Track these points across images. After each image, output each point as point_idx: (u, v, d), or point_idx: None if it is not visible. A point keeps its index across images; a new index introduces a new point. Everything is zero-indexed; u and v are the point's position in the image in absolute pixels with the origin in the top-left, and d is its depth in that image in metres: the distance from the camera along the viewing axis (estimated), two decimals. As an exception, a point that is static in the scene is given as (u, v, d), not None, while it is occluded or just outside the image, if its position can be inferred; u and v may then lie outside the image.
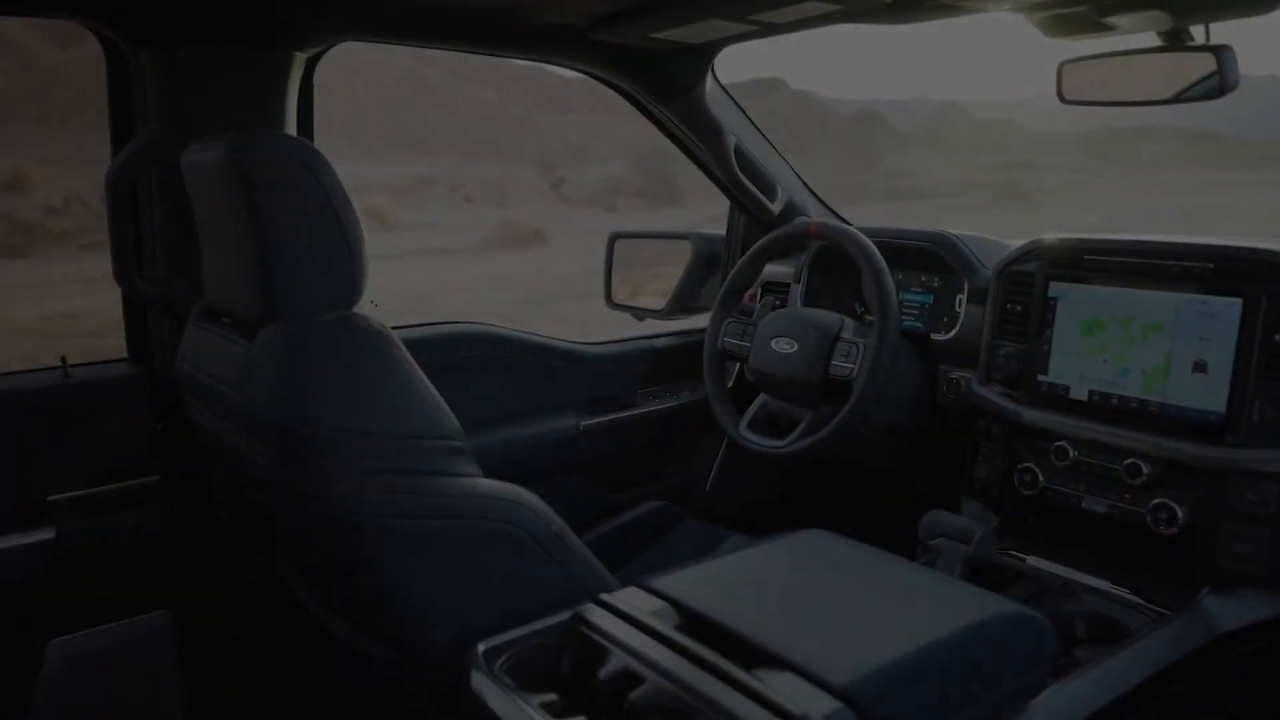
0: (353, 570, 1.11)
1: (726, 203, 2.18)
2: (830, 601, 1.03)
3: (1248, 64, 1.34)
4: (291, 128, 1.49)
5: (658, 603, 1.04)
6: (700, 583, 1.09)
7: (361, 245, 1.09)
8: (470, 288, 13.84)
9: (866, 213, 2.25)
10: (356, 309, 1.09)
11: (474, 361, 1.82)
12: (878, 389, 1.58)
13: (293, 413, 1.01)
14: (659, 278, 2.47)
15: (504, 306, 12.32)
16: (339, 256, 1.07)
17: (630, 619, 0.99)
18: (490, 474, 1.86)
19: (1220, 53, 1.25)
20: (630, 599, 1.05)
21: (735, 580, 1.10)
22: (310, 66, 1.53)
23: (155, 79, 1.38)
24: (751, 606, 1.00)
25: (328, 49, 1.52)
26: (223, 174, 1.04)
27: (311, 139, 1.58)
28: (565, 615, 1.04)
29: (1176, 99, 1.32)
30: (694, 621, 0.97)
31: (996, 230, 1.93)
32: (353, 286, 1.08)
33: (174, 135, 1.32)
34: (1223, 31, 1.30)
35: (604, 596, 1.06)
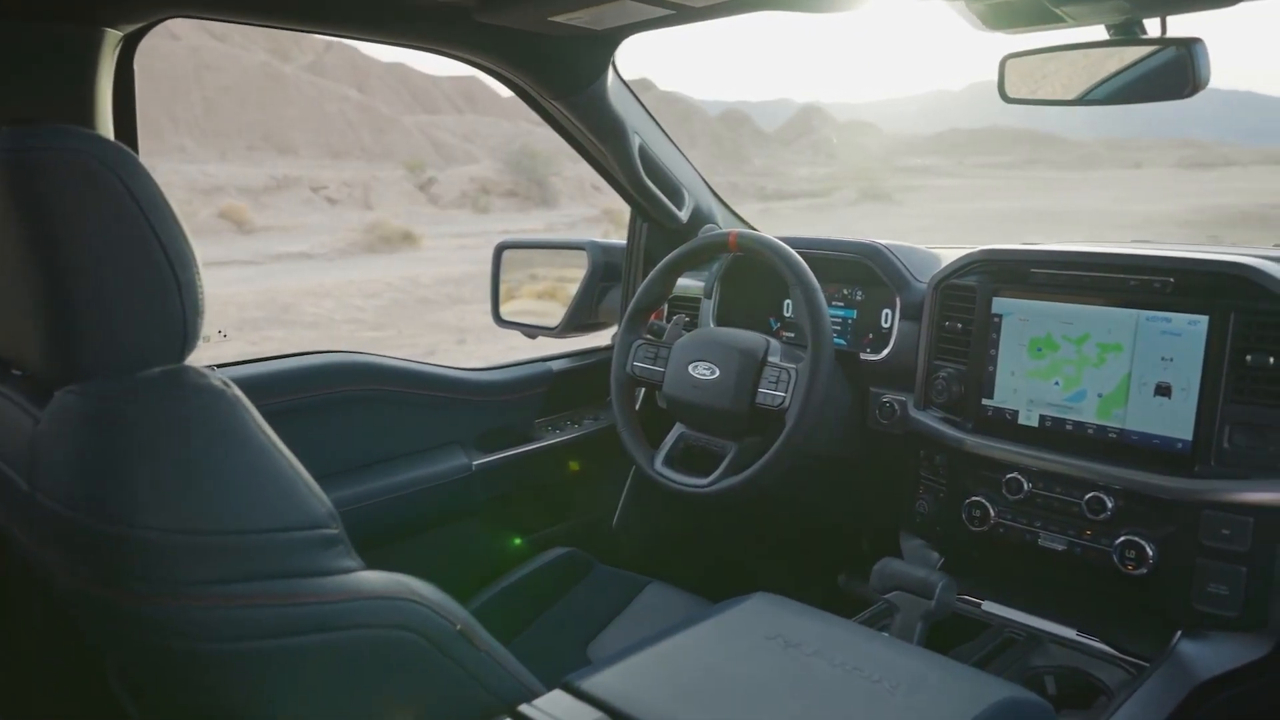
0: (196, 707, 0.85)
1: (599, 205, 1.98)
2: (797, 699, 0.85)
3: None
4: (106, 122, 1.19)
5: (590, 712, 0.84)
6: (638, 680, 0.89)
7: (193, 275, 0.83)
8: (336, 294, 13.18)
9: (741, 214, 2.09)
10: (189, 361, 0.83)
11: (345, 398, 1.56)
12: (812, 420, 1.41)
13: (96, 510, 0.74)
14: (535, 279, 2.29)
15: (375, 314, 11.78)
16: (160, 291, 0.80)
17: None
18: (371, 529, 1.63)
19: (1190, 47, 1.13)
20: (557, 708, 0.85)
21: (678, 675, 0.91)
22: (130, 46, 1.24)
23: None
24: (704, 713, 0.82)
25: (151, 25, 1.23)
26: None
27: (134, 136, 1.29)
28: None
29: (1138, 97, 1.20)
30: None
31: (864, 229, 1.80)
32: (181, 331, 0.82)
33: None
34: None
35: (525, 709, 0.85)
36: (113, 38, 1.16)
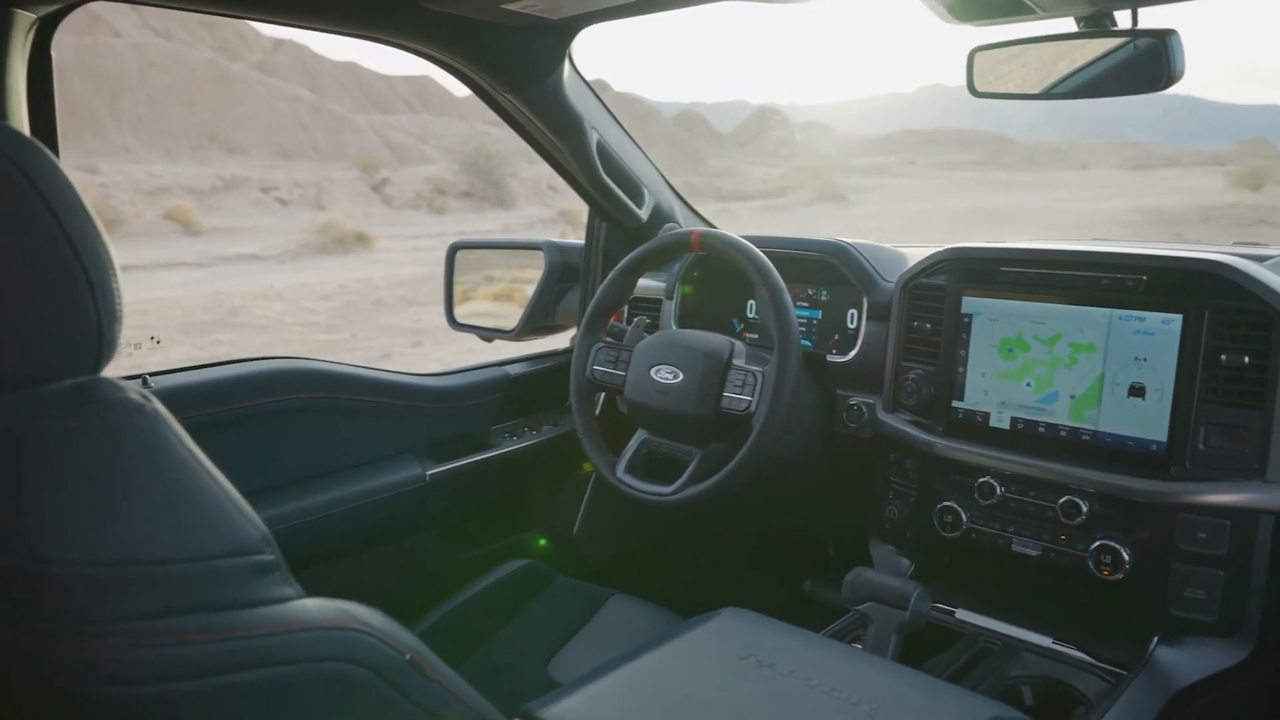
0: None
1: (556, 206, 1.92)
2: None
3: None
4: (19, 113, 1.10)
5: None
6: (603, 708, 0.84)
7: (109, 278, 0.75)
8: (288, 296, 12.92)
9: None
10: (105, 373, 0.75)
11: (289, 407, 1.48)
12: (780, 424, 1.37)
13: None
14: (492, 280, 2.22)
15: (328, 316, 11.56)
16: (71, 296, 0.72)
17: None
18: (319, 545, 1.55)
19: (1164, 38, 1.10)
20: None
21: (646, 701, 0.85)
22: (46, 30, 1.15)
23: None
24: None
25: (69, 7, 1.14)
26: None
27: (53, 130, 1.20)
28: None
29: (1111, 90, 1.17)
30: None
31: (821, 228, 1.77)
32: (95, 340, 0.73)
33: None
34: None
35: None
36: (25, 19, 1.07)
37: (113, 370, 0.80)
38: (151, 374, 1.36)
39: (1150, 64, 1.12)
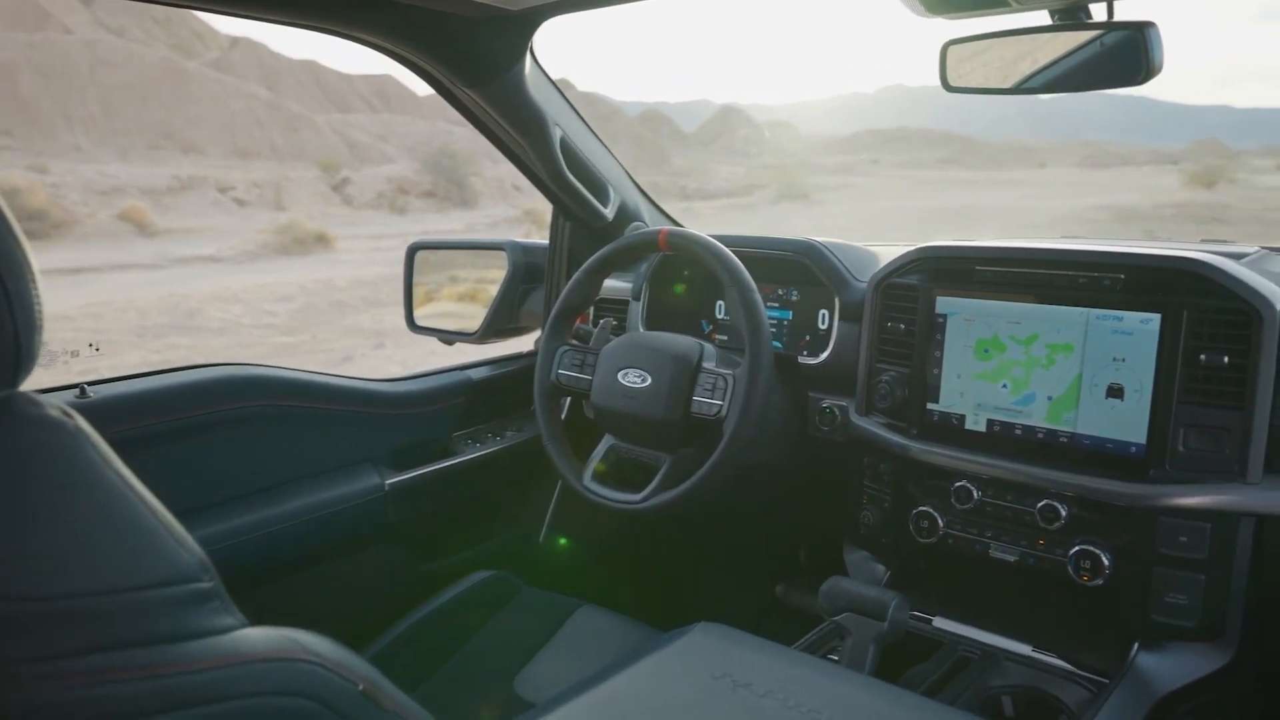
0: None
1: (520, 206, 1.86)
2: None
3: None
4: None
5: None
6: None
7: (27, 284, 0.68)
8: (246, 298, 12.69)
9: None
10: (23, 387, 0.69)
11: (238, 416, 1.41)
12: (752, 429, 1.32)
13: None
14: (456, 281, 2.17)
15: (287, 318, 11.37)
16: None
17: None
18: (273, 561, 1.48)
19: (1143, 31, 1.07)
20: None
21: None
22: None
23: None
24: None
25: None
26: None
27: None
28: None
29: (1089, 84, 1.14)
30: None
31: (787, 227, 1.73)
32: (11, 351, 0.67)
33: None
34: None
35: None
36: None
37: (54, 379, 0.73)
38: (90, 383, 1.29)
39: (1129, 57, 1.09)
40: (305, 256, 17.39)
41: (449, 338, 1.98)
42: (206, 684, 0.69)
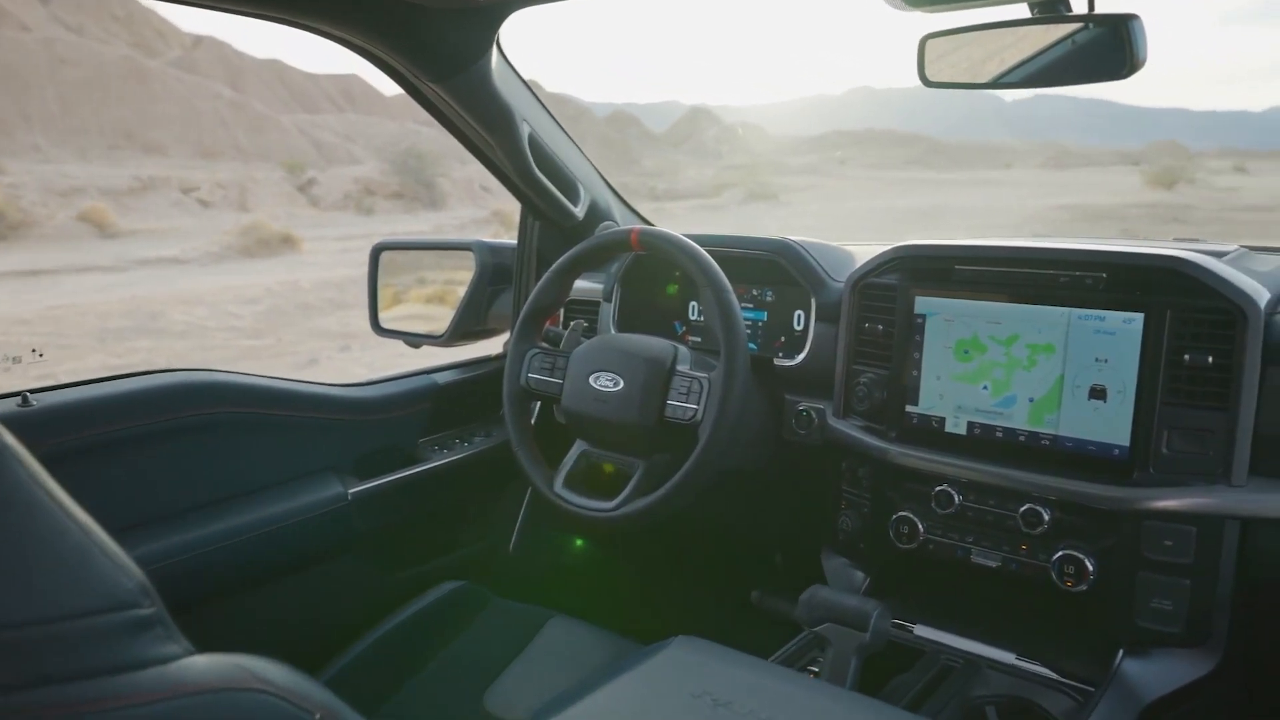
0: None
1: (489, 206, 1.81)
2: None
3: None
4: None
5: None
6: None
7: None
8: (210, 300, 12.48)
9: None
10: None
11: (193, 424, 1.35)
12: (728, 433, 1.28)
13: None
14: (424, 282, 2.12)
15: (253, 320, 11.20)
16: None
17: None
18: (231, 574, 1.42)
19: (1126, 24, 1.04)
20: None
21: None
22: None
23: None
24: None
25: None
26: None
27: None
28: None
29: (1071, 78, 1.11)
30: None
31: (758, 227, 1.70)
32: None
33: None
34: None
35: None
36: None
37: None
38: (33, 391, 1.22)
39: (1111, 51, 1.06)
40: (271, 258, 17.15)
41: (415, 340, 1.92)
42: (148, 718, 0.63)
